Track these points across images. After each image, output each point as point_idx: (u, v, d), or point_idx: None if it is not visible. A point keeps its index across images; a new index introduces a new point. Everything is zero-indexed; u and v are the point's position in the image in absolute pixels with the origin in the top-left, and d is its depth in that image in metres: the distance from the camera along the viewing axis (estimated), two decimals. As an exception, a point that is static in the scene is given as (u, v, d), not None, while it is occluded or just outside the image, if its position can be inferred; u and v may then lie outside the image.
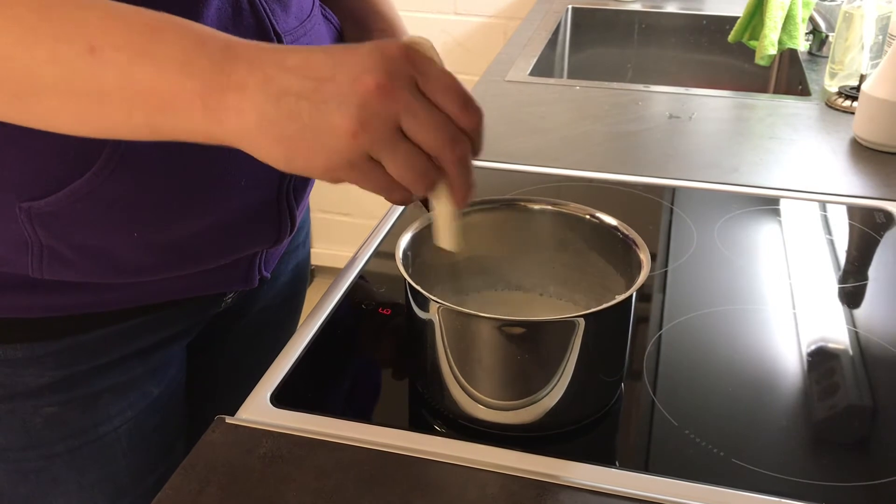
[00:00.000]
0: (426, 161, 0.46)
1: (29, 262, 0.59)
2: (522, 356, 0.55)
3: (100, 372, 0.66)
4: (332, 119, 0.44)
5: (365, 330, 0.71)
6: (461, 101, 0.46)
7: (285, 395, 0.62)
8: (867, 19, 1.20)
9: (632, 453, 0.58)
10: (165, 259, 0.63)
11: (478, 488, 0.53)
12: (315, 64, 0.45)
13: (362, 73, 0.44)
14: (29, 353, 0.63)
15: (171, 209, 0.60)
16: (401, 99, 0.44)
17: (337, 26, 0.76)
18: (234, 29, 0.59)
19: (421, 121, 0.45)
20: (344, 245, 2.25)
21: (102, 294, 0.63)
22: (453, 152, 0.47)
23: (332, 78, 0.44)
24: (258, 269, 0.72)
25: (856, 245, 0.86)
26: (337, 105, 0.44)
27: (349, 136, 0.44)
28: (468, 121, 0.47)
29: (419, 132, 0.45)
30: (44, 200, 0.56)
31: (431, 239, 0.63)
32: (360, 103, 0.44)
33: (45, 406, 0.65)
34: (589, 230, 0.64)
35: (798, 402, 0.62)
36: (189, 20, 0.47)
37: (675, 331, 0.70)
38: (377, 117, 0.44)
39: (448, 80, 0.46)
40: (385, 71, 0.44)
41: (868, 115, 1.05)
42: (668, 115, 1.18)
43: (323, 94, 0.44)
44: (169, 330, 0.70)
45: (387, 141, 0.45)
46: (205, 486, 0.53)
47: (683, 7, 1.73)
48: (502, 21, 2.03)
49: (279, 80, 0.44)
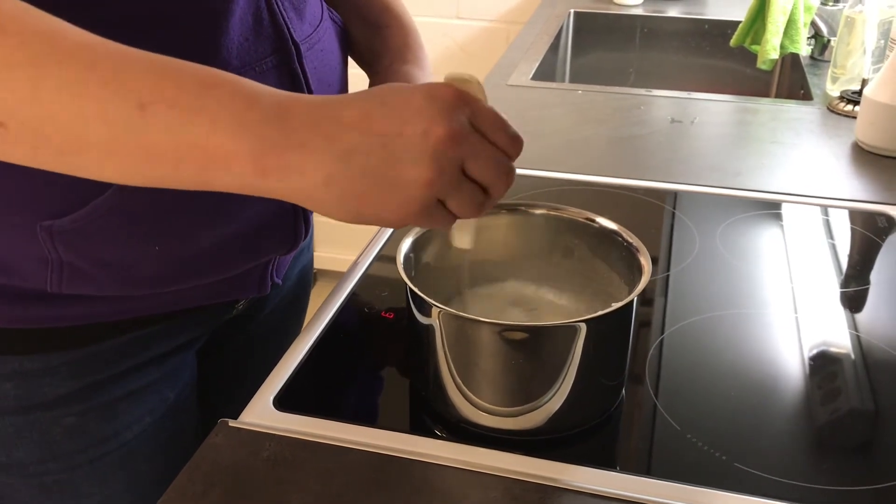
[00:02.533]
0: (484, 195, 0.49)
1: (48, 278, 0.59)
2: (524, 361, 0.55)
3: (117, 380, 0.66)
4: (407, 172, 0.45)
5: (367, 334, 0.71)
6: (510, 136, 0.49)
7: (288, 398, 0.62)
8: (869, 24, 1.20)
9: (634, 457, 0.58)
10: (184, 270, 0.63)
11: (480, 492, 0.53)
12: (375, 118, 0.45)
13: (430, 125, 0.45)
14: (45, 363, 0.63)
15: (191, 221, 0.60)
16: (467, 144, 0.47)
17: (342, 26, 0.77)
18: (256, 38, 0.60)
19: (483, 161, 0.47)
20: (346, 249, 2.25)
21: (118, 304, 0.63)
22: (506, 184, 0.50)
23: (399, 133, 0.45)
24: (270, 276, 0.72)
25: (857, 249, 0.86)
26: (411, 159, 0.45)
27: (425, 186, 0.46)
28: (516, 153, 0.50)
29: (481, 172, 0.48)
30: (65, 218, 0.56)
31: (433, 243, 0.64)
32: (432, 154, 0.45)
33: (65, 416, 0.64)
34: (591, 235, 0.64)
35: (800, 406, 0.62)
36: (238, 76, 0.46)
37: (677, 335, 0.70)
38: (450, 164, 0.46)
39: (498, 119, 0.49)
40: (449, 119, 0.46)
41: (870, 120, 1.05)
42: (671, 119, 1.18)
43: (393, 150, 0.45)
44: (183, 337, 0.71)
45: (455, 184, 0.47)
46: (208, 489, 0.53)
47: (685, 11, 1.73)
48: (504, 25, 2.03)
49: (343, 139, 0.45)
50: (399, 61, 0.75)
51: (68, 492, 0.67)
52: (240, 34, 0.58)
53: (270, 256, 0.70)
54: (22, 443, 0.65)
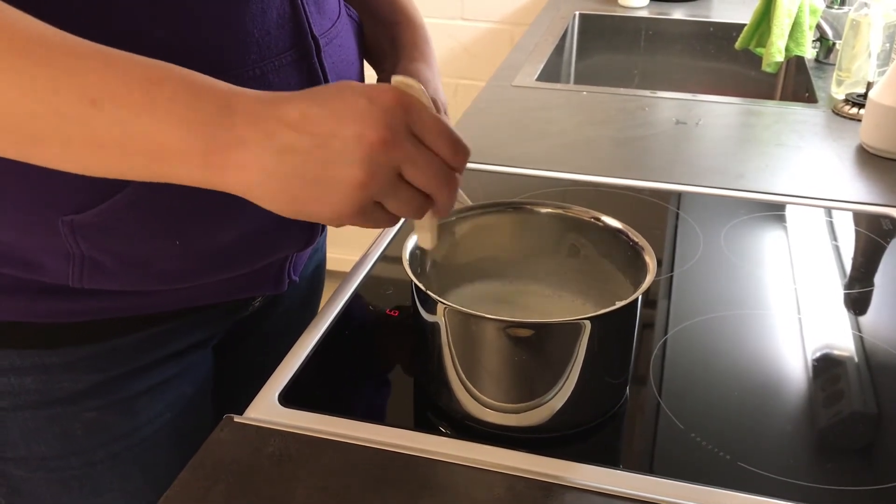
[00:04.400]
0: (423, 198, 0.50)
1: (70, 273, 0.59)
2: (528, 358, 0.56)
3: (136, 375, 0.66)
4: (340, 173, 0.47)
5: (373, 331, 0.71)
6: (452, 144, 0.50)
7: (294, 394, 0.62)
8: (874, 27, 1.20)
9: (637, 455, 0.58)
10: (204, 265, 0.63)
11: (484, 489, 0.53)
12: (314, 118, 0.46)
13: (365, 128, 0.46)
14: (64, 358, 0.63)
15: (211, 217, 0.60)
16: (402, 149, 0.47)
17: (359, 22, 0.77)
18: (277, 32, 0.60)
19: (420, 167, 0.49)
20: (352, 248, 2.25)
21: (138, 300, 0.63)
22: (448, 190, 0.51)
23: (334, 134, 0.46)
24: (288, 273, 0.72)
25: (862, 251, 0.86)
26: (343, 160, 0.46)
27: (357, 188, 0.47)
28: (458, 162, 0.51)
29: (418, 177, 0.49)
30: (87, 213, 0.56)
31: (439, 241, 0.64)
32: (365, 157, 0.46)
33: (84, 411, 0.65)
34: (596, 234, 0.64)
35: (804, 406, 0.62)
36: (189, 69, 0.47)
37: (680, 335, 0.70)
38: (382, 168, 0.47)
39: (439, 126, 0.49)
40: (385, 124, 0.47)
41: (875, 123, 1.05)
42: (675, 120, 1.18)
43: (327, 150, 0.46)
44: (201, 333, 0.71)
45: (390, 187, 0.48)
46: (213, 485, 0.53)
47: (690, 14, 1.73)
48: (509, 27, 2.04)
49: (280, 136, 0.46)
50: (406, 59, 0.75)
51: (88, 486, 0.68)
52: (260, 27, 0.58)
53: (288, 252, 0.70)
54: (42, 437, 0.65)
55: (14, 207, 0.56)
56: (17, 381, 0.63)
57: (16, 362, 0.62)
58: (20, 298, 0.61)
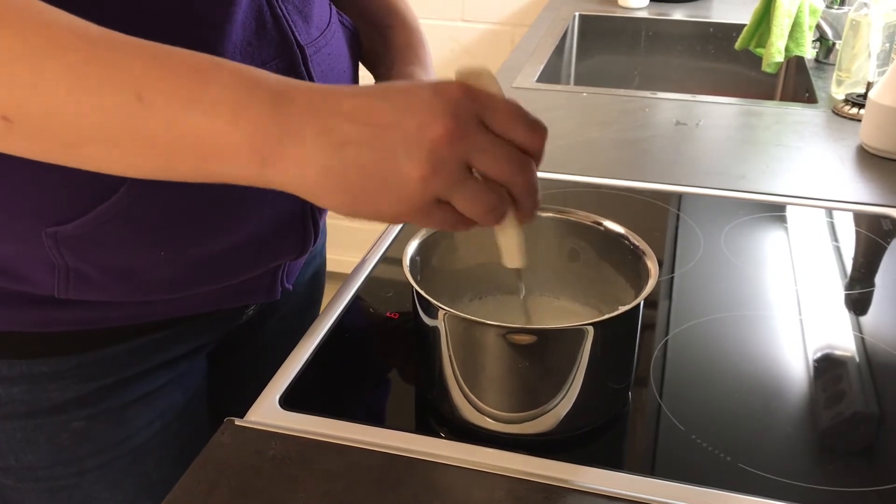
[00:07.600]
0: (496, 195, 0.46)
1: (55, 284, 0.58)
2: (530, 365, 0.55)
3: (126, 384, 0.66)
4: (401, 167, 0.43)
5: (373, 334, 0.71)
6: (526, 125, 0.46)
7: (294, 397, 0.62)
8: (874, 27, 1.20)
9: (638, 457, 0.58)
10: (192, 276, 0.63)
11: (485, 492, 0.53)
12: (374, 110, 0.44)
13: (429, 119, 0.43)
14: (53, 367, 0.62)
15: (198, 227, 0.60)
16: (469, 140, 0.44)
17: (353, 30, 0.76)
18: (259, 42, 0.59)
19: (490, 156, 0.45)
20: (351, 250, 2.26)
21: (127, 309, 0.63)
22: (523, 179, 0.47)
23: (396, 125, 0.43)
24: (281, 281, 0.72)
25: (862, 252, 0.86)
26: (405, 153, 0.43)
27: (420, 183, 0.44)
28: (535, 144, 0.47)
29: (489, 165, 0.45)
30: (71, 224, 0.55)
31: (440, 245, 0.64)
32: (430, 149, 0.43)
33: (73, 421, 0.64)
34: (597, 238, 0.64)
35: (805, 408, 0.62)
36: (239, 63, 0.45)
37: (681, 336, 0.70)
38: (448, 161, 0.44)
39: (511, 108, 0.46)
40: (451, 115, 0.43)
41: (875, 123, 1.05)
42: (675, 121, 1.18)
43: (388, 142, 0.43)
44: (194, 342, 0.70)
45: (457, 183, 0.45)
46: (214, 488, 0.53)
47: (690, 14, 1.73)
48: (509, 28, 2.04)
49: (339, 129, 0.43)
50: (402, 62, 0.75)
51: (77, 497, 0.67)
52: (242, 38, 0.58)
53: (280, 262, 0.70)
54: (30, 447, 0.64)
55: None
56: (5, 390, 0.62)
57: (3, 372, 0.62)
58: (7, 308, 0.60)
